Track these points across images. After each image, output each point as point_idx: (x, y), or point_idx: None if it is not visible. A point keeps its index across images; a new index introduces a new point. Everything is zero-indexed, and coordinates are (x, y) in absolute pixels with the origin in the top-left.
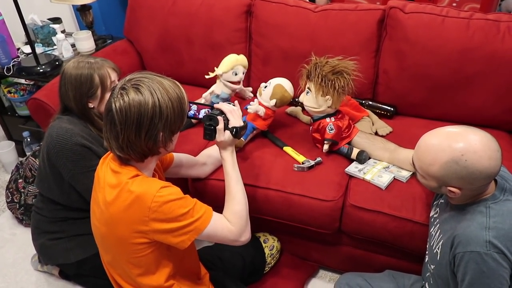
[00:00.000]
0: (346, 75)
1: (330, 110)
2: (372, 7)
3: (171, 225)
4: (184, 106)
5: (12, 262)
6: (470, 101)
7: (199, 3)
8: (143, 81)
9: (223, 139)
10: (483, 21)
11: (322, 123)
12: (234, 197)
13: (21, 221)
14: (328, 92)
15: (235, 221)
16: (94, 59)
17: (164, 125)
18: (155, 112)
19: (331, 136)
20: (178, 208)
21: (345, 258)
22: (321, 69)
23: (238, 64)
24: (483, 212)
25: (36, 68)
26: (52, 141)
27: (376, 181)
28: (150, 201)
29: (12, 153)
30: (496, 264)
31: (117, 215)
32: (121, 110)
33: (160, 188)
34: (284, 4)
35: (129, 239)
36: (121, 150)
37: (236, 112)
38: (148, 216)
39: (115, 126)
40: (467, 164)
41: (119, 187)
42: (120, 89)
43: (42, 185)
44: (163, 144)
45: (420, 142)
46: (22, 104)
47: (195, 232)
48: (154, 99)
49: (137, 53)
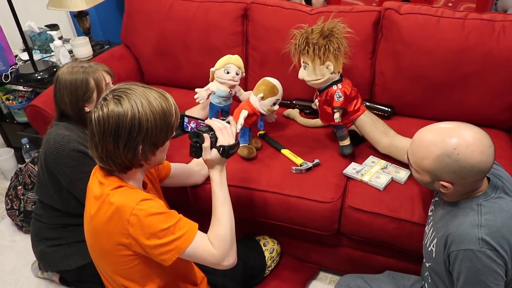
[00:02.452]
0: (336, 35)
1: (335, 76)
2: (367, 8)
3: (151, 241)
4: (169, 120)
5: (12, 269)
6: (467, 100)
7: (195, 7)
8: (126, 93)
9: (209, 158)
10: (478, 21)
11: (330, 91)
12: (219, 220)
13: (21, 228)
14: (326, 58)
15: (217, 245)
16: (88, 63)
17: (144, 138)
18: (134, 124)
19: (341, 104)
20: (158, 223)
21: (344, 260)
22: (309, 38)
23: (230, 63)
24: (474, 210)
25: (34, 75)
26: (49, 147)
27: (374, 183)
28: (129, 214)
29: (11, 160)
30: (490, 260)
31: (99, 227)
32: (99, 120)
33: (141, 200)
34: (280, 7)
35: (114, 251)
36: (101, 160)
37: (227, 130)
38: (127, 229)
39: (94, 137)
40: (459, 158)
41: (101, 198)
42: (102, 100)
43: (41, 192)
44: (144, 157)
45: (415, 137)
46: (21, 111)
47: (175, 251)
48: (133, 111)
49: (135, 58)
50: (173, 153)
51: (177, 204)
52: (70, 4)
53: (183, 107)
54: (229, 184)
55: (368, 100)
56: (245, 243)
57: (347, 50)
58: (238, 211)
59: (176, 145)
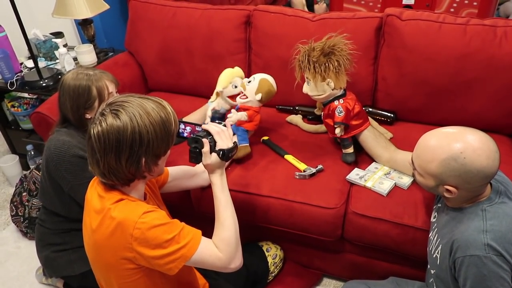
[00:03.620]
0: (337, 53)
1: (337, 92)
2: (369, 15)
3: (156, 252)
4: (169, 129)
5: (16, 275)
6: (469, 106)
7: (198, 15)
8: (123, 106)
9: (210, 162)
10: (479, 27)
11: (331, 106)
12: (222, 223)
13: (26, 234)
14: (325, 75)
15: (223, 248)
16: (93, 71)
17: (146, 151)
18: (135, 138)
19: (341, 119)
20: (162, 234)
21: (348, 266)
22: (310, 55)
23: (235, 76)
24: (479, 215)
25: (39, 82)
26: (50, 154)
27: (377, 188)
28: (132, 228)
29: (16, 167)
30: (496, 266)
31: (102, 242)
32: (99, 137)
33: (143, 213)
34: (282, 14)
35: (117, 265)
36: (104, 176)
37: (225, 133)
38: (131, 243)
39: (94, 153)
40: (465, 162)
41: (102, 213)
42: (99, 115)
43: (44, 198)
44: (147, 169)
45: (420, 140)
46: (26, 118)
47: (182, 259)
48: (133, 124)
49: (138, 65)
50: (176, 158)
51: (180, 210)
52: (75, 12)
53: (187, 113)
54: (232, 190)
55: (370, 105)
56: (247, 249)
57: (350, 67)
58: (241, 217)
59: (180, 150)
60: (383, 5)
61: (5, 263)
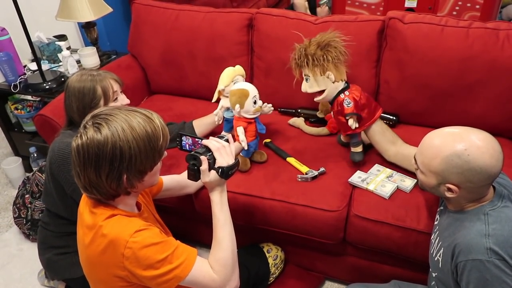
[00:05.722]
0: (333, 44)
1: (339, 85)
2: (371, 18)
3: (148, 272)
4: (155, 144)
5: (19, 277)
6: (472, 109)
7: (201, 18)
8: (106, 119)
9: (208, 180)
10: (482, 30)
11: (338, 100)
12: (219, 243)
13: (28, 236)
14: (325, 68)
15: (218, 269)
16: (97, 72)
17: (128, 167)
18: (115, 153)
19: (352, 110)
20: (154, 254)
21: (350, 269)
22: (307, 50)
23: (236, 75)
24: (481, 219)
25: (42, 84)
26: (53, 155)
27: (379, 191)
28: (123, 247)
29: (19, 169)
30: (499, 271)
31: (94, 259)
32: (78, 150)
33: (135, 232)
34: (284, 17)
35: (109, 282)
36: (86, 190)
37: (226, 149)
38: (123, 262)
39: (75, 166)
40: (469, 159)
41: (94, 229)
42: (82, 127)
43: (47, 200)
44: (129, 185)
45: (425, 138)
46: (29, 120)
47: (175, 280)
48: (114, 139)
49: (141, 67)
50: (180, 163)
51: (182, 212)
52: (78, 15)
53: (189, 116)
54: (234, 192)
55: None
56: (248, 250)
57: (347, 58)
58: (243, 219)
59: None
60: (385, 8)
61: (7, 265)
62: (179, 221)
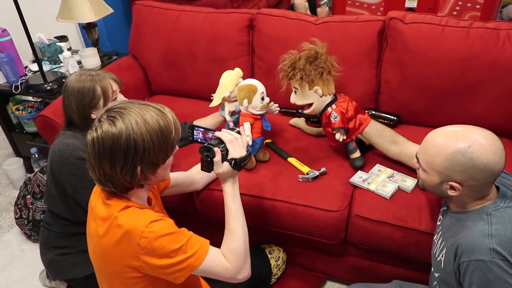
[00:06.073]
0: (322, 60)
1: (327, 99)
2: (372, 18)
3: (163, 261)
4: (168, 137)
5: (20, 278)
6: (473, 109)
7: (202, 18)
8: (120, 113)
9: (221, 171)
10: (482, 30)
11: (326, 114)
12: (232, 233)
13: (29, 237)
14: (313, 83)
15: (231, 258)
16: (96, 72)
17: (142, 159)
18: (129, 146)
19: (338, 124)
20: (169, 243)
21: (352, 269)
22: (296, 64)
23: (238, 78)
24: (484, 220)
25: (44, 85)
26: (54, 156)
27: (380, 191)
28: (139, 237)
29: (20, 170)
30: (502, 271)
31: (108, 250)
32: (93, 143)
33: (150, 222)
34: (285, 17)
35: (122, 274)
36: (100, 182)
37: (238, 141)
38: (138, 252)
39: (90, 159)
40: (472, 156)
41: (109, 220)
42: (97, 121)
43: (49, 201)
44: (143, 178)
45: (427, 137)
46: (30, 121)
47: (189, 269)
48: (128, 132)
49: (142, 68)
50: (180, 162)
51: (183, 213)
52: (79, 16)
53: (190, 116)
54: None
55: (373, 109)
56: (250, 252)
57: (337, 70)
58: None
59: (184, 153)
60: (386, 9)
61: (9, 265)
62: (180, 221)
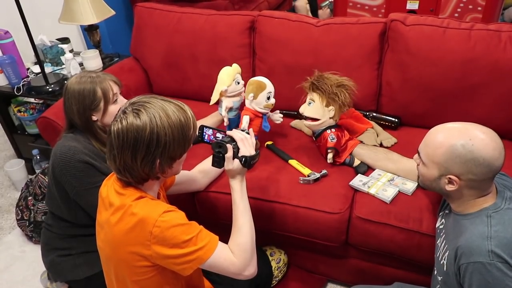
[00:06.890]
0: (348, 89)
1: (331, 122)
2: (373, 20)
3: (173, 251)
4: (187, 133)
5: (21, 279)
6: (474, 111)
7: (203, 20)
8: (144, 106)
9: (232, 168)
10: (484, 32)
11: (324, 135)
12: (239, 229)
13: (31, 238)
14: (331, 103)
15: (238, 254)
16: (96, 73)
17: (162, 152)
18: (152, 139)
19: (334, 145)
20: (180, 234)
21: (353, 271)
22: (326, 81)
23: (236, 73)
24: (484, 222)
25: (45, 87)
26: (56, 159)
27: (380, 195)
28: (152, 226)
29: (22, 171)
30: (501, 273)
31: (120, 237)
32: (118, 134)
33: (163, 212)
34: (286, 19)
35: (132, 262)
36: (119, 172)
37: (248, 140)
38: (150, 240)
39: (112, 149)
40: (473, 149)
41: (123, 209)
42: (121, 113)
43: (51, 203)
44: (161, 170)
45: (430, 132)
46: (32, 123)
47: (197, 261)
48: (152, 125)
49: (144, 70)
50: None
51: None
52: (81, 18)
53: None
54: None
55: (375, 110)
56: None
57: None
58: None
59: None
60: (387, 10)
61: (10, 267)
62: None
